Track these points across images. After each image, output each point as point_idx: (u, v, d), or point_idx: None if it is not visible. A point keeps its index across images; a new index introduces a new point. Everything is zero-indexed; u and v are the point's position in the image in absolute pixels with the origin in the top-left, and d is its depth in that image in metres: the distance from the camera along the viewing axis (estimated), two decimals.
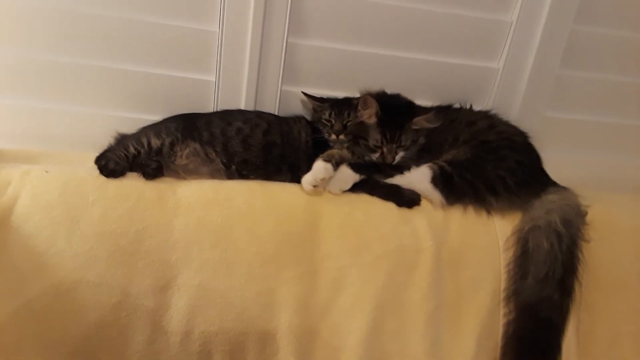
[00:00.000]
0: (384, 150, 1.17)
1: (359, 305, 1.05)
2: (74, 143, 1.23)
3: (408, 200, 1.14)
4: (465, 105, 1.31)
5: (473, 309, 1.09)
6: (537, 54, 1.30)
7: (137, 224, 1.02)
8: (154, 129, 1.17)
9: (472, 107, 1.31)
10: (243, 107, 1.27)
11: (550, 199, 1.14)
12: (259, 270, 1.04)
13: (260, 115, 1.24)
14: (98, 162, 1.09)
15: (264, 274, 1.04)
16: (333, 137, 1.22)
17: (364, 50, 1.28)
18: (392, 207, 1.13)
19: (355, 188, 1.14)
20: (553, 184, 1.20)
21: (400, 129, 1.17)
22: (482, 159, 1.16)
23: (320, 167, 1.10)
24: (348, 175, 1.14)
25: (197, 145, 1.16)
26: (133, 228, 1.01)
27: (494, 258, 1.12)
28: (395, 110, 1.19)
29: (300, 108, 1.33)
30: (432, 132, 1.21)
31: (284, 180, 1.17)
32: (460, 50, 1.32)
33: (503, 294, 1.10)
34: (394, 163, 1.17)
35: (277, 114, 1.29)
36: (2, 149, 1.16)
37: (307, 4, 1.22)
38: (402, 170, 1.16)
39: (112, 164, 1.08)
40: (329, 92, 1.28)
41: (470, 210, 1.15)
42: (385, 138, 1.17)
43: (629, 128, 1.47)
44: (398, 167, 1.17)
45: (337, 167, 1.12)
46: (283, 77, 1.26)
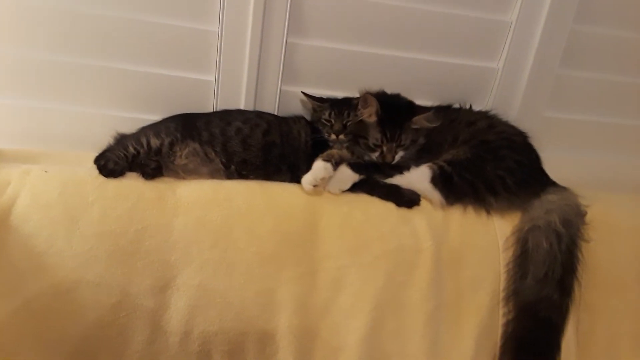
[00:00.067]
0: (384, 149, 1.17)
1: (359, 305, 1.05)
2: (74, 143, 1.23)
3: (407, 200, 1.14)
4: (465, 105, 1.31)
5: (472, 309, 1.09)
6: (536, 54, 1.30)
7: (136, 224, 1.02)
8: (154, 129, 1.17)
9: (471, 107, 1.31)
10: (242, 107, 1.27)
11: (550, 199, 1.14)
12: (259, 270, 1.04)
13: (260, 115, 1.24)
14: (97, 162, 1.09)
15: (264, 274, 1.04)
16: (333, 137, 1.22)
17: (364, 50, 1.28)
18: (391, 207, 1.13)
19: (355, 188, 1.14)
20: (552, 184, 1.20)
21: (400, 128, 1.17)
22: (481, 159, 1.16)
23: (320, 166, 1.10)
24: (347, 175, 1.14)
25: (196, 145, 1.16)
26: (132, 228, 1.01)
27: (494, 258, 1.12)
28: (395, 110, 1.19)
29: (300, 108, 1.33)
30: (431, 132, 1.21)
31: (284, 180, 1.17)
32: (460, 50, 1.32)
33: (502, 294, 1.10)
34: (394, 163, 1.17)
35: (276, 114, 1.29)
36: (1, 149, 1.16)
37: (306, 4, 1.21)
38: (401, 170, 1.16)
39: (111, 164, 1.08)
40: (329, 92, 1.28)
41: (470, 210, 1.16)
42: (385, 137, 1.17)
43: (629, 128, 1.47)
44: (398, 167, 1.17)
45: (336, 166, 1.12)
46: (283, 76, 1.26)
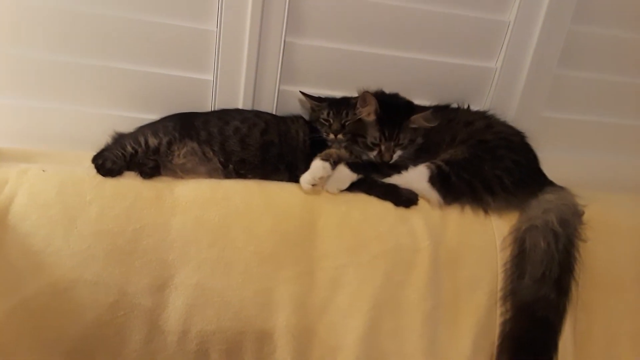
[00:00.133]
0: (382, 148, 1.17)
1: (357, 305, 1.05)
2: (72, 142, 1.23)
3: (405, 200, 1.14)
4: (463, 105, 1.31)
5: (470, 309, 1.09)
6: (534, 54, 1.31)
7: (134, 223, 1.02)
8: (152, 128, 1.17)
9: (469, 107, 1.31)
10: (241, 106, 1.27)
11: (548, 199, 1.14)
12: (257, 270, 1.04)
13: (258, 115, 1.24)
14: (95, 161, 1.09)
15: (262, 273, 1.04)
16: (331, 136, 1.22)
17: (362, 50, 1.28)
18: (389, 206, 1.13)
19: (353, 187, 1.14)
20: (550, 184, 1.20)
21: (399, 127, 1.17)
22: (479, 159, 1.16)
23: (319, 165, 1.10)
24: (346, 175, 1.14)
25: (194, 145, 1.16)
26: (130, 227, 1.01)
27: (491, 257, 1.12)
28: (394, 109, 1.19)
29: (298, 107, 1.33)
30: (429, 132, 1.21)
31: (282, 180, 1.17)
32: (458, 50, 1.32)
33: (500, 294, 1.10)
34: (392, 162, 1.18)
35: (275, 114, 1.29)
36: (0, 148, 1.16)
37: (305, 4, 1.21)
38: (399, 170, 1.16)
39: (109, 163, 1.08)
40: (327, 91, 1.28)
41: (468, 210, 1.16)
42: (384, 135, 1.17)
43: (627, 128, 1.47)
44: (396, 166, 1.17)
45: (335, 166, 1.12)
46: (281, 76, 1.26)
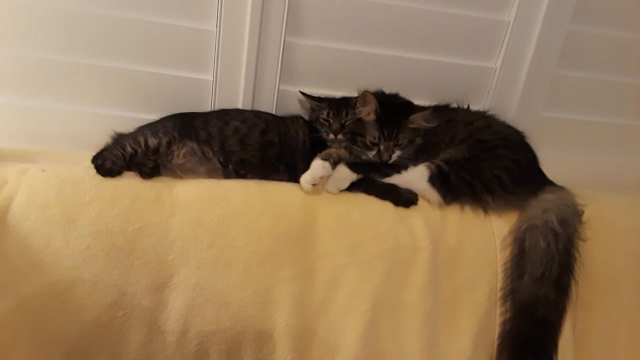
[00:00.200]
0: (381, 148, 1.17)
1: (356, 304, 1.05)
2: (71, 142, 1.23)
3: (405, 200, 1.14)
4: (463, 105, 1.31)
5: (470, 308, 1.09)
6: (534, 54, 1.31)
7: (133, 223, 1.02)
8: (151, 128, 1.17)
9: (469, 107, 1.31)
10: (240, 106, 1.27)
11: (547, 198, 1.14)
12: (256, 270, 1.04)
13: (258, 115, 1.24)
14: (95, 161, 1.09)
15: (261, 273, 1.04)
16: (331, 136, 1.22)
17: (362, 50, 1.28)
18: (389, 206, 1.13)
19: (353, 187, 1.14)
20: (550, 184, 1.20)
21: (398, 127, 1.17)
22: (479, 158, 1.16)
23: (319, 165, 1.10)
24: (346, 175, 1.14)
25: (194, 145, 1.16)
26: (130, 227, 1.01)
27: (491, 257, 1.12)
28: (394, 109, 1.19)
29: (298, 107, 1.33)
30: (429, 131, 1.21)
31: (281, 180, 1.17)
32: (458, 50, 1.32)
33: (500, 293, 1.10)
34: (390, 162, 1.18)
35: (274, 114, 1.29)
36: None
37: (304, 3, 1.21)
38: (399, 170, 1.16)
39: (109, 163, 1.08)
40: (327, 91, 1.28)
41: (468, 210, 1.16)
42: (383, 135, 1.17)
43: (626, 128, 1.47)
44: (395, 166, 1.17)
45: (334, 166, 1.12)
46: (281, 76, 1.26)
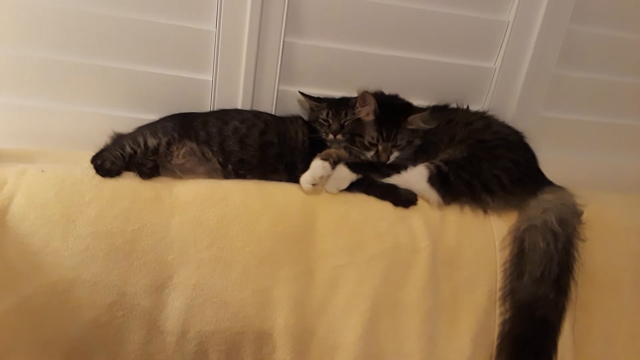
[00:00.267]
0: (379, 148, 1.17)
1: (355, 304, 1.05)
2: (71, 142, 1.23)
3: (404, 200, 1.14)
4: (462, 105, 1.31)
5: (469, 308, 1.09)
6: (533, 54, 1.31)
7: (133, 224, 1.02)
8: (151, 129, 1.17)
9: (468, 107, 1.31)
10: (240, 106, 1.27)
11: (546, 198, 1.14)
12: (256, 270, 1.04)
13: (257, 115, 1.24)
14: (94, 161, 1.09)
15: (261, 273, 1.04)
16: (330, 136, 1.22)
17: (361, 50, 1.28)
18: (388, 206, 1.13)
19: (352, 187, 1.14)
20: (549, 184, 1.20)
21: (397, 128, 1.17)
22: (478, 158, 1.16)
23: (319, 165, 1.10)
24: (345, 175, 1.14)
25: (193, 145, 1.16)
26: (129, 227, 1.01)
27: (490, 257, 1.12)
28: (393, 110, 1.19)
29: (298, 108, 1.33)
30: (428, 132, 1.21)
31: (281, 180, 1.17)
32: (457, 50, 1.32)
33: (499, 293, 1.10)
34: (388, 162, 1.18)
35: (274, 114, 1.29)
36: None
37: (304, 3, 1.22)
38: (398, 170, 1.16)
39: (108, 164, 1.08)
40: (327, 91, 1.28)
41: (467, 210, 1.16)
42: (382, 136, 1.17)
43: (625, 128, 1.48)
44: (395, 166, 1.17)
45: (334, 166, 1.12)
46: (280, 76, 1.26)
